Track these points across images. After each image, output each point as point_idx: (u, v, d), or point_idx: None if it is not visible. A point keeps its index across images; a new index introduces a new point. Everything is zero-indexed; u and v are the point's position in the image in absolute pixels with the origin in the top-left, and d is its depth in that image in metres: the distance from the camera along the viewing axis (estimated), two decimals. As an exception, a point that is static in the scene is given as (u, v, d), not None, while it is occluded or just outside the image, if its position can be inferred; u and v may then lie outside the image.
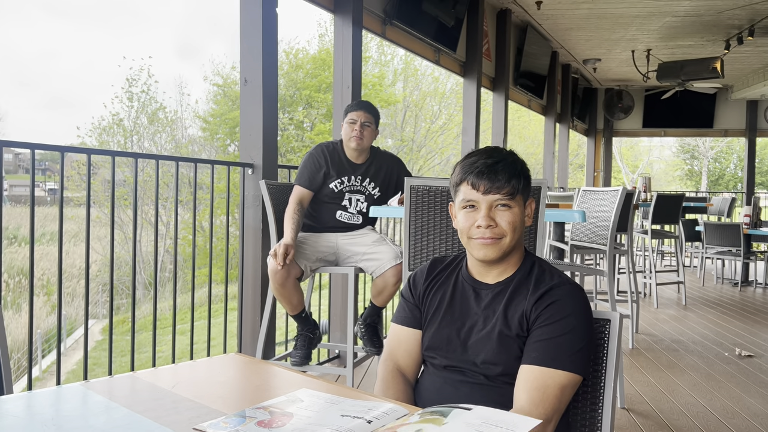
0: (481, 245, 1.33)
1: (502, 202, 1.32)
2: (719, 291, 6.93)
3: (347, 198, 2.90)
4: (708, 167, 32.34)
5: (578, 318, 1.27)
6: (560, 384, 1.22)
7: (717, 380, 3.55)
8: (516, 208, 1.33)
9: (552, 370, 1.23)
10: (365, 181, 2.91)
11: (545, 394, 1.21)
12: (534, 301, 1.29)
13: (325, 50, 20.58)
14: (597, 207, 3.67)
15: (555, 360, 1.23)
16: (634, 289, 4.50)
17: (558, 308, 1.27)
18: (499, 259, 1.35)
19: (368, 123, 2.86)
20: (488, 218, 1.32)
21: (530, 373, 1.24)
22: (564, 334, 1.25)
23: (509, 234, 1.32)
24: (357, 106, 2.89)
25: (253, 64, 3.05)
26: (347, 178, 2.88)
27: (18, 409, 1.02)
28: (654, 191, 6.20)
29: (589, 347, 1.29)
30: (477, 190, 1.32)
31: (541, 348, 1.25)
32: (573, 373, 1.23)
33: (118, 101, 21.07)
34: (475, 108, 5.90)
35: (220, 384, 1.18)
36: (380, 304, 2.88)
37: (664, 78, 8.17)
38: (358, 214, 2.92)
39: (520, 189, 1.33)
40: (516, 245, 1.35)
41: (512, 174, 1.32)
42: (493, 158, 1.33)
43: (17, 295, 17.02)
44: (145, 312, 15.82)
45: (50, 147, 2.23)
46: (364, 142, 2.86)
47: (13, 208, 27.59)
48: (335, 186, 2.87)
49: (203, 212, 14.70)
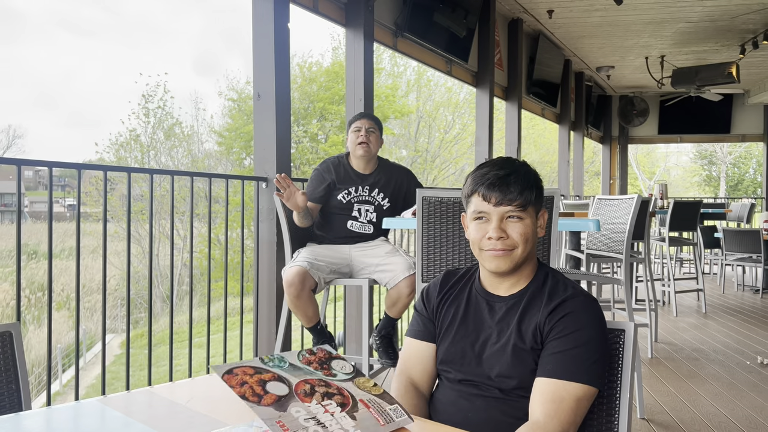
0: (493, 257, 1.33)
1: (513, 214, 1.31)
2: (740, 298, 6.83)
3: (356, 209, 2.92)
4: (726, 173, 31.96)
5: (592, 330, 1.26)
6: (576, 396, 1.21)
7: (739, 389, 3.49)
8: (528, 219, 1.33)
9: (567, 382, 1.22)
10: (373, 192, 2.93)
11: (560, 407, 1.20)
12: (548, 313, 1.29)
13: (339, 63, 20.72)
14: (612, 215, 3.64)
15: (570, 372, 1.22)
16: (652, 297, 4.45)
17: (572, 320, 1.27)
18: (512, 271, 1.34)
19: (372, 129, 2.91)
20: (499, 230, 1.31)
21: (545, 386, 1.23)
22: (578, 346, 1.24)
23: (521, 245, 1.32)
24: (359, 115, 2.96)
25: (265, 79, 3.08)
26: (354, 189, 2.90)
27: (37, 425, 1.03)
28: (671, 198, 6.14)
29: (604, 359, 1.28)
30: (488, 202, 1.32)
31: (555, 360, 1.24)
32: (588, 386, 1.22)
33: (135, 117, 21.35)
34: (488, 118, 5.90)
35: (235, 399, 1.19)
36: (395, 316, 2.88)
37: (678, 84, 8.11)
38: (369, 224, 2.93)
39: (532, 200, 1.33)
40: (528, 257, 1.35)
41: (524, 186, 1.32)
42: (504, 170, 1.33)
43: (41, 311, 17.23)
44: (163, 326, 15.93)
45: (67, 165, 2.27)
46: (371, 147, 2.89)
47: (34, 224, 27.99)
48: (342, 197, 2.89)
49: (219, 226, 14.80)
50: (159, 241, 17.55)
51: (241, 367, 0.98)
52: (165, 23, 61.27)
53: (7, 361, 1.31)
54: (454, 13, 5.21)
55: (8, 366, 1.31)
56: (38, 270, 19.76)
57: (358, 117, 2.96)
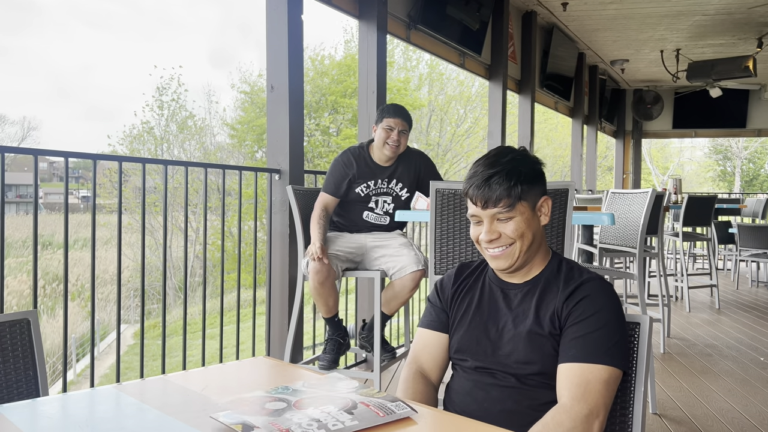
0: (492, 257, 1.35)
1: (502, 215, 1.31)
2: (754, 294, 6.77)
3: (374, 200, 2.92)
4: (741, 168, 31.61)
5: (610, 312, 1.27)
6: (602, 378, 1.21)
7: (753, 385, 3.46)
8: (520, 216, 1.31)
9: (592, 365, 1.22)
10: (392, 183, 2.92)
11: (587, 390, 1.20)
12: (564, 298, 1.29)
13: (351, 56, 20.69)
14: (626, 209, 3.62)
15: (593, 355, 1.22)
16: (665, 292, 4.42)
17: (589, 303, 1.27)
18: (517, 267, 1.35)
19: (404, 131, 2.85)
20: (491, 232, 1.32)
21: (570, 371, 1.23)
22: (599, 329, 1.24)
23: (517, 240, 1.31)
24: (395, 112, 2.84)
25: (279, 71, 3.08)
26: (373, 182, 2.89)
27: (53, 411, 1.04)
28: (685, 193, 6.08)
29: (625, 340, 1.28)
30: (476, 205, 1.33)
31: (578, 345, 1.24)
32: (613, 367, 1.22)
33: (149, 109, 21.47)
34: (501, 111, 5.87)
35: (248, 386, 1.20)
36: (389, 312, 2.85)
37: (694, 78, 8.02)
38: (385, 215, 2.93)
39: (520, 196, 1.30)
40: (532, 247, 1.34)
41: (509, 184, 1.29)
42: (491, 168, 1.31)
43: (55, 301, 17.42)
44: (176, 317, 16.05)
45: (83, 155, 2.28)
46: (399, 149, 2.86)
47: (49, 215, 28.28)
48: (361, 191, 2.89)
49: (232, 218, 14.87)
50: (172, 233, 17.67)
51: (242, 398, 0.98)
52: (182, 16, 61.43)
53: (25, 348, 1.33)
54: (468, 6, 5.18)
55: (26, 353, 1.33)
56: (52, 261, 19.98)
57: (393, 113, 2.83)
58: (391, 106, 2.89)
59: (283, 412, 0.93)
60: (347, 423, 0.91)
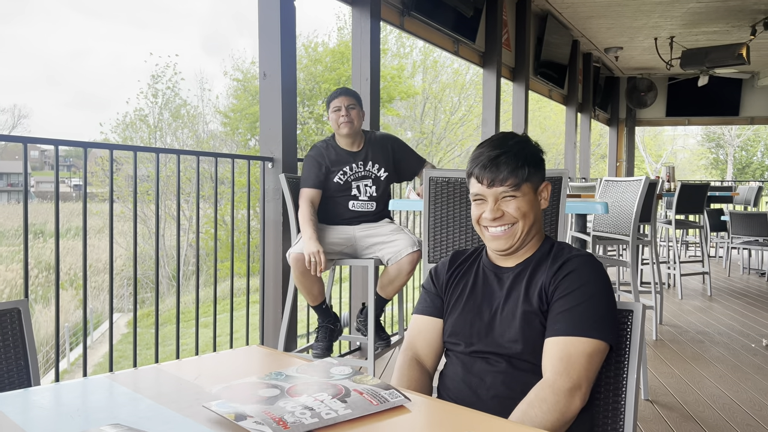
0: (493, 237, 1.35)
1: (507, 194, 1.33)
2: (745, 281, 6.82)
3: (355, 187, 2.90)
4: (734, 156, 31.73)
5: (596, 285, 1.27)
6: (585, 352, 1.22)
7: (744, 372, 3.49)
8: (524, 196, 1.34)
9: (575, 338, 1.23)
10: (368, 165, 2.91)
11: (569, 363, 1.21)
12: (552, 273, 1.30)
13: (344, 43, 20.56)
14: (619, 197, 3.62)
15: (577, 328, 1.23)
16: (657, 280, 4.45)
17: (575, 277, 1.28)
18: (517, 248, 1.36)
19: (352, 105, 2.86)
20: (495, 210, 1.33)
21: (554, 345, 1.24)
22: (584, 302, 1.25)
23: (520, 220, 1.33)
24: (337, 93, 2.89)
25: (271, 57, 3.06)
26: (349, 168, 2.88)
27: (46, 400, 1.04)
28: (678, 181, 6.10)
29: (612, 314, 1.28)
30: (482, 184, 1.34)
31: (562, 319, 1.25)
32: (598, 340, 1.23)
33: (143, 97, 21.34)
34: (495, 99, 5.85)
35: (241, 376, 1.20)
36: (387, 296, 2.86)
37: (688, 65, 8.02)
38: (371, 201, 2.91)
39: (526, 177, 1.33)
40: (532, 230, 1.36)
41: (516, 165, 1.32)
42: (497, 149, 1.34)
43: (46, 290, 17.36)
44: (169, 305, 16.04)
45: (74, 143, 2.26)
46: (354, 124, 2.86)
47: (40, 204, 28.12)
48: (339, 179, 2.88)
49: (225, 206, 14.83)
50: (165, 222, 17.61)
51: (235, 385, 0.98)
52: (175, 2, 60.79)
53: (16, 337, 1.32)
54: (462, -8, 5.14)
55: (17, 342, 1.32)
56: (44, 250, 19.89)
57: (335, 95, 2.88)
58: (334, 91, 2.94)
59: (276, 400, 0.93)
60: (340, 411, 0.90)
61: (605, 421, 1.31)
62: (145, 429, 0.86)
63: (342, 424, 0.89)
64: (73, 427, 0.90)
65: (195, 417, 0.93)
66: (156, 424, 0.90)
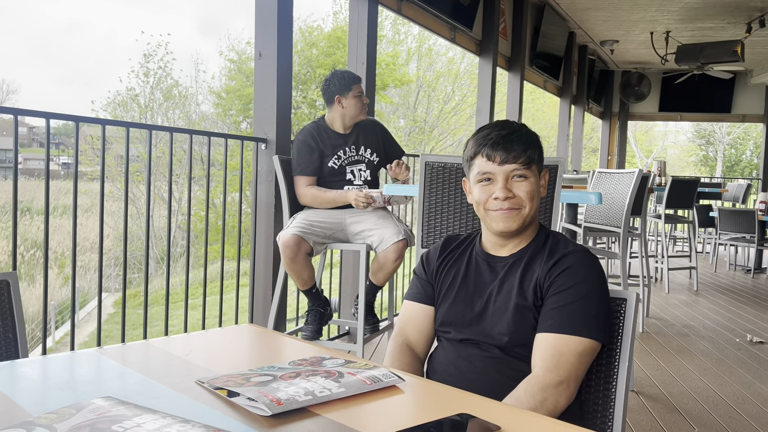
0: (501, 216, 1.32)
1: (518, 172, 1.31)
2: (731, 277, 6.88)
3: (349, 171, 2.89)
4: (724, 153, 31.93)
5: (592, 284, 1.26)
6: (576, 350, 1.21)
7: (728, 365, 3.53)
8: (532, 178, 1.33)
9: (567, 336, 1.22)
10: (360, 149, 2.91)
11: (560, 361, 1.20)
12: (548, 269, 1.29)
13: (340, 28, 20.42)
14: (612, 189, 3.63)
15: (570, 326, 1.22)
16: (645, 273, 4.47)
17: (571, 274, 1.26)
18: (519, 231, 1.34)
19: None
20: (506, 189, 1.31)
21: (546, 341, 1.23)
22: (578, 300, 1.24)
23: (527, 204, 1.31)
24: (356, 77, 2.89)
25: (267, 37, 3.02)
26: (342, 152, 2.87)
27: (33, 372, 1.03)
28: (669, 176, 6.13)
29: (607, 313, 1.27)
30: (493, 162, 1.32)
31: (555, 315, 1.24)
32: (590, 339, 1.22)
33: (135, 76, 21.13)
34: (490, 88, 5.84)
35: (233, 353, 1.19)
36: (379, 283, 2.86)
37: (683, 61, 8.03)
38: (365, 185, 2.91)
39: (535, 159, 1.33)
40: (534, 216, 1.35)
41: (527, 144, 1.32)
42: (506, 129, 1.33)
43: (31, 267, 17.24)
44: (157, 286, 15.97)
45: (65, 116, 2.23)
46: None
47: (28, 181, 27.84)
48: (334, 163, 2.86)
49: (216, 188, 14.76)
50: (154, 202, 17.49)
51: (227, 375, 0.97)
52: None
53: (4, 310, 1.30)
54: (460, -21, 5.11)
55: (5, 315, 1.30)
56: (31, 227, 19.72)
57: (357, 80, 2.89)
58: (346, 73, 2.91)
59: (269, 383, 0.92)
60: (334, 390, 0.90)
61: (595, 409, 1.31)
62: (136, 403, 0.85)
63: (336, 402, 0.88)
64: (62, 400, 0.89)
65: (186, 392, 0.92)
66: (147, 398, 0.89)
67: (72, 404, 0.83)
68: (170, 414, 0.81)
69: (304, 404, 0.85)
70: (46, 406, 0.85)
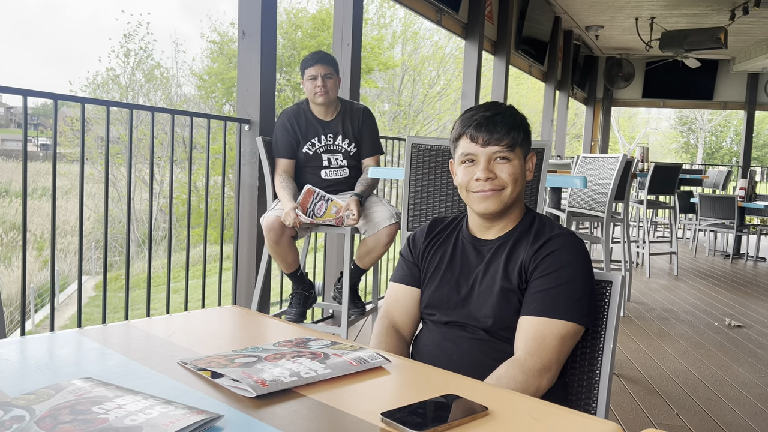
0: (481, 198, 1.31)
1: (501, 154, 1.30)
2: (711, 263, 6.98)
3: (325, 159, 2.86)
4: (705, 140, 32.27)
5: (577, 267, 1.26)
6: (558, 334, 1.21)
7: (706, 349, 3.59)
8: (516, 160, 1.31)
9: (550, 319, 1.22)
10: (337, 139, 2.86)
11: (542, 344, 1.20)
12: (533, 252, 1.28)
13: (325, 10, 20.20)
14: (596, 174, 3.65)
15: (553, 310, 1.22)
16: (627, 258, 4.52)
17: (556, 258, 1.26)
18: (501, 213, 1.33)
19: (329, 75, 2.78)
20: (487, 171, 1.30)
21: (528, 324, 1.23)
22: (562, 284, 1.24)
23: (510, 185, 1.30)
24: (314, 59, 2.78)
25: (251, 16, 2.96)
26: (317, 139, 2.84)
27: (12, 353, 1.00)
28: (651, 162, 6.17)
29: (591, 297, 1.27)
30: (476, 143, 1.31)
31: (539, 299, 1.24)
32: (572, 323, 1.22)
33: (115, 56, 20.78)
34: (475, 71, 5.81)
35: (216, 334, 1.17)
36: (365, 267, 2.84)
37: (667, 47, 8.07)
38: (342, 168, 2.88)
39: (519, 141, 1.31)
40: (517, 198, 1.33)
41: (511, 126, 1.30)
42: (491, 111, 1.32)
43: (9, 250, 17.00)
44: (138, 270, 15.84)
45: (43, 94, 2.17)
46: (330, 95, 2.79)
47: (5, 162, 27.37)
48: (308, 149, 2.83)
49: (198, 171, 14.62)
50: (135, 185, 17.29)
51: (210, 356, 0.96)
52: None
53: (-20, 290, 1.27)
54: (447, -39, 5.06)
55: (-19, 295, 1.27)
56: (10, 209, 19.42)
57: (312, 62, 2.77)
58: (309, 55, 2.81)
59: (253, 364, 0.91)
60: (320, 371, 0.89)
61: (579, 391, 1.32)
62: (118, 384, 0.83)
63: (322, 383, 0.87)
64: (41, 381, 0.87)
65: (169, 373, 0.91)
66: (129, 379, 0.88)
67: (51, 385, 0.81)
68: (152, 395, 0.79)
69: (289, 385, 0.84)
70: (24, 387, 0.83)
